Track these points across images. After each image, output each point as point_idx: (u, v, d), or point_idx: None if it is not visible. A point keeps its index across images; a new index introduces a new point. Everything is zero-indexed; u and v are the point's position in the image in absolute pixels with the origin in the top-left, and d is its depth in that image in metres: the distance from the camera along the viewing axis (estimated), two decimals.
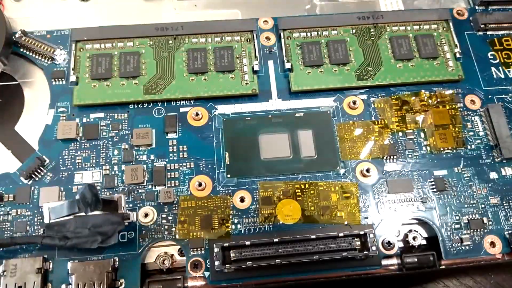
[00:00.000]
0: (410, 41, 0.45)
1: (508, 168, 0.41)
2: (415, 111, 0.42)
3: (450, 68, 0.44)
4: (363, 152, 0.41)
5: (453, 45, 0.45)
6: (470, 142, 0.41)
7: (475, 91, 0.44)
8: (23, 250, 0.36)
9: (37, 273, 0.35)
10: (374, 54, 0.44)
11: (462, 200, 0.39)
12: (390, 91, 0.43)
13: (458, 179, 0.40)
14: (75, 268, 0.35)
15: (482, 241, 0.38)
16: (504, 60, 0.46)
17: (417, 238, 0.38)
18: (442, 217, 0.38)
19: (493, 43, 0.46)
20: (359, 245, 0.36)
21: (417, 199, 0.39)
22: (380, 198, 0.39)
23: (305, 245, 0.36)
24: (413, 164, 0.40)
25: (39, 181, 0.38)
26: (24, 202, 0.37)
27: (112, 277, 0.35)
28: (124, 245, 0.36)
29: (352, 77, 0.43)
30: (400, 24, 0.46)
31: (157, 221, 0.37)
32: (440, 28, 0.46)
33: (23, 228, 0.37)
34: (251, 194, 0.38)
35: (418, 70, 0.44)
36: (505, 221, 0.39)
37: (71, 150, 0.40)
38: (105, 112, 0.41)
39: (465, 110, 0.43)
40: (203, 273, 0.36)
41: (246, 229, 0.37)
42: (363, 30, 0.45)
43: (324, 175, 0.39)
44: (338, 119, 0.42)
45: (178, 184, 0.39)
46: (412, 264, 0.37)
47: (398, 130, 0.42)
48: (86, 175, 0.39)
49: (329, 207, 0.38)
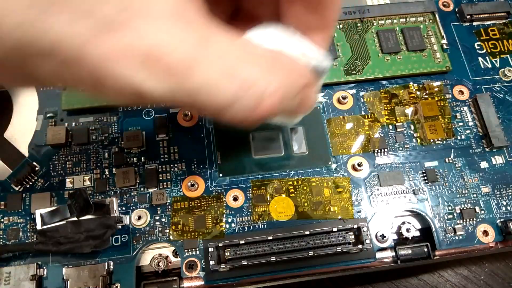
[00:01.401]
0: (397, 34, 0.45)
1: (498, 157, 0.41)
2: (404, 103, 0.43)
3: (437, 59, 0.44)
4: (354, 146, 0.41)
5: (439, 37, 0.45)
6: (460, 133, 0.42)
7: (463, 81, 0.44)
8: (16, 258, 0.36)
9: (32, 280, 0.34)
10: (361, 49, 0.44)
11: (454, 190, 0.39)
12: (379, 85, 0.43)
13: (449, 170, 0.40)
14: (70, 273, 0.35)
15: (475, 230, 0.38)
16: (490, 50, 0.46)
17: (411, 229, 0.38)
18: (434, 208, 0.39)
19: (480, 33, 0.47)
20: (353, 239, 0.36)
21: (409, 191, 0.39)
22: (372, 192, 0.39)
23: (299, 241, 0.36)
24: (404, 156, 0.41)
25: (30, 188, 0.38)
26: (16, 209, 0.37)
27: (107, 281, 0.35)
28: (118, 248, 0.36)
29: (340, 72, 0.43)
30: (386, 18, 0.46)
31: (151, 223, 0.37)
32: (427, 20, 0.46)
33: (16, 236, 0.36)
34: (244, 193, 0.38)
35: (405, 63, 0.44)
36: (497, 209, 0.39)
37: (61, 156, 0.39)
38: (95, 116, 0.41)
39: (454, 101, 0.43)
40: (199, 273, 0.36)
41: (240, 228, 0.37)
42: (349, 25, 0.46)
43: (316, 171, 0.40)
44: (328, 114, 0.42)
45: (170, 186, 0.39)
46: (407, 256, 0.37)
47: (388, 123, 0.42)
48: (77, 180, 0.39)
49: (322, 202, 0.38)
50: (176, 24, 0.16)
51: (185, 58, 0.16)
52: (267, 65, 0.20)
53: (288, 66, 0.22)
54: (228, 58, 0.18)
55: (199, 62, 0.16)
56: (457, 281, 0.44)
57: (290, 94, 0.21)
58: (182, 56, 0.16)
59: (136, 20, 0.14)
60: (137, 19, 0.14)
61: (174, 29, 0.16)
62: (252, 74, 0.18)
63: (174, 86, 0.16)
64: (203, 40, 0.17)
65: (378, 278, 0.44)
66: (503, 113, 0.42)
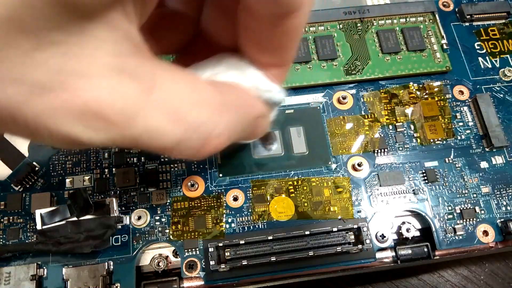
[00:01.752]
0: (397, 34, 0.45)
1: (498, 157, 0.41)
2: (404, 103, 0.43)
3: (437, 59, 0.44)
4: (354, 146, 0.41)
5: (439, 37, 0.45)
6: (460, 133, 0.42)
7: (463, 81, 0.44)
8: (16, 258, 0.36)
9: (32, 280, 0.34)
10: (361, 49, 0.44)
11: (454, 190, 0.39)
12: (379, 85, 0.43)
13: (449, 170, 0.40)
14: (70, 273, 0.35)
15: (475, 230, 0.38)
16: (490, 50, 0.46)
17: (411, 229, 0.38)
18: (434, 208, 0.39)
19: (480, 33, 0.47)
20: (353, 239, 0.36)
21: (409, 191, 0.39)
22: (372, 192, 0.39)
23: (299, 241, 0.36)
24: (404, 156, 0.41)
25: (30, 188, 0.38)
26: (16, 209, 0.37)
27: (107, 281, 0.35)
28: (118, 248, 0.36)
29: (340, 72, 0.43)
30: (386, 18, 0.46)
31: (151, 223, 0.37)
32: (427, 20, 0.46)
33: (16, 236, 0.36)
34: (244, 193, 0.38)
35: (405, 63, 0.44)
36: (497, 209, 0.39)
37: (61, 156, 0.39)
38: None
39: (454, 101, 0.43)
40: (199, 273, 0.36)
41: (240, 228, 0.37)
42: (349, 25, 0.46)
43: (316, 171, 0.40)
44: (328, 114, 0.42)
45: (170, 186, 0.39)
46: (407, 256, 0.37)
47: (388, 123, 0.42)
48: (77, 180, 0.39)
49: (322, 202, 0.38)
50: (116, 78, 0.15)
51: (125, 109, 0.16)
52: (216, 104, 0.19)
53: (238, 102, 0.22)
54: (173, 102, 0.17)
55: (142, 110, 0.16)
56: (457, 281, 0.44)
57: (240, 129, 0.22)
58: (122, 107, 0.16)
59: (71, 80, 0.14)
60: (73, 79, 0.14)
61: (114, 83, 0.15)
62: (199, 116, 0.18)
63: (114, 135, 0.16)
64: (146, 87, 0.16)
65: (378, 278, 0.44)
66: (503, 113, 0.42)
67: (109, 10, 0.14)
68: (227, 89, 0.22)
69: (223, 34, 0.24)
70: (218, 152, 0.20)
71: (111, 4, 0.14)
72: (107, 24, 0.15)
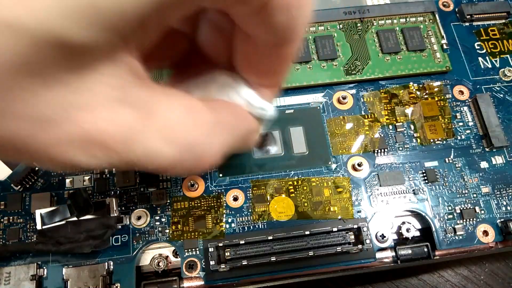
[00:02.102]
0: (397, 34, 0.45)
1: (498, 157, 0.41)
2: (404, 103, 0.43)
3: (437, 59, 0.44)
4: (354, 146, 0.41)
5: (439, 37, 0.45)
6: (460, 133, 0.42)
7: (463, 81, 0.44)
8: (16, 258, 0.36)
9: (32, 280, 0.34)
10: (361, 49, 0.44)
11: (454, 190, 0.39)
12: (379, 85, 0.43)
13: (449, 170, 0.40)
14: (70, 273, 0.35)
15: (475, 230, 0.38)
16: (490, 50, 0.46)
17: (411, 229, 0.38)
18: (434, 208, 0.39)
19: (480, 33, 0.47)
20: (353, 239, 0.36)
21: (409, 191, 0.39)
22: (372, 192, 0.39)
23: (299, 241, 0.36)
24: (404, 156, 0.41)
25: (30, 188, 0.38)
26: (16, 209, 0.37)
27: (107, 281, 0.35)
28: (118, 248, 0.36)
29: (340, 72, 0.43)
30: (386, 18, 0.46)
31: (151, 223, 0.37)
32: (427, 20, 0.46)
33: (16, 236, 0.36)
34: (244, 193, 0.38)
35: (405, 63, 0.44)
36: (497, 209, 0.39)
37: None
38: None
39: (454, 101, 0.43)
40: (199, 273, 0.36)
41: (240, 228, 0.37)
42: (349, 25, 0.46)
43: (316, 171, 0.40)
44: (328, 114, 0.42)
45: (170, 186, 0.39)
46: (407, 256, 0.37)
47: (388, 123, 0.42)
48: (77, 180, 0.39)
49: (322, 202, 0.38)
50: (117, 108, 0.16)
51: (124, 136, 0.16)
52: (210, 124, 0.20)
53: (232, 119, 0.23)
54: (169, 126, 0.18)
55: (140, 135, 0.17)
56: (457, 281, 0.44)
57: (233, 145, 0.22)
58: (121, 136, 0.16)
59: (75, 112, 0.15)
60: (76, 112, 0.15)
61: (114, 113, 0.16)
62: (194, 138, 0.19)
63: (112, 159, 0.17)
64: (144, 114, 0.17)
65: (378, 278, 0.44)
66: (503, 113, 0.42)
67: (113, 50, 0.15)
68: (221, 107, 0.23)
69: (218, 52, 0.25)
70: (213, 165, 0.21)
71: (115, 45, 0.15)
72: (111, 60, 0.15)
